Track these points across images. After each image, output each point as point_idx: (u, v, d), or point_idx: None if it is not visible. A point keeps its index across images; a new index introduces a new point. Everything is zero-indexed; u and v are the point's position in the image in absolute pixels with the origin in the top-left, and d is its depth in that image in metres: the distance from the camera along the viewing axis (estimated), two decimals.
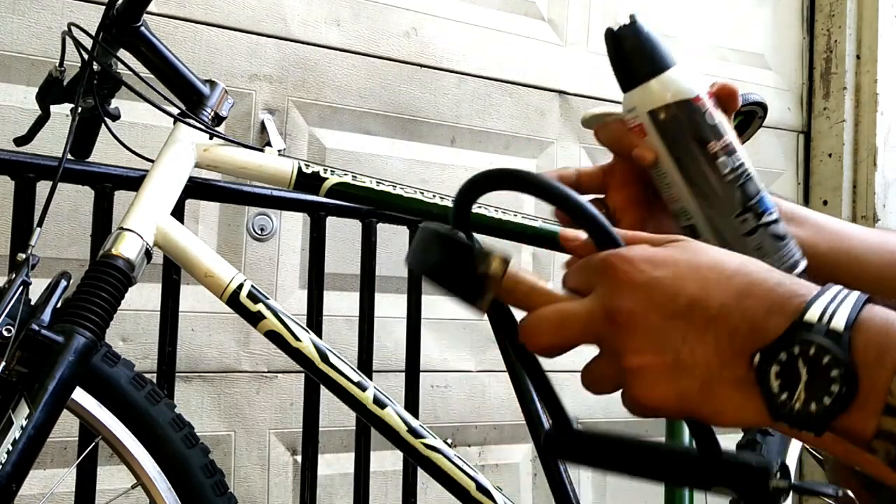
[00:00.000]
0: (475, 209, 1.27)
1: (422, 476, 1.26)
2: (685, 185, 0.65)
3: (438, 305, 1.83)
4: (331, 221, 1.39)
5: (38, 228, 1.01)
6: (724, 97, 0.66)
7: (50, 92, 1.15)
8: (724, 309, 0.47)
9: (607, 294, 0.50)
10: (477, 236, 0.56)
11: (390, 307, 1.71)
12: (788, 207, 0.71)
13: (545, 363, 0.66)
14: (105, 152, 1.23)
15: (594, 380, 0.52)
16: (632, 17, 0.67)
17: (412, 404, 1.45)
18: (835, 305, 0.45)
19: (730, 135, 0.65)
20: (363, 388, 1.09)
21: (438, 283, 0.55)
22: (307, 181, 1.16)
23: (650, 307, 0.48)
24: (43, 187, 1.10)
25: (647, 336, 0.48)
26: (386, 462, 1.71)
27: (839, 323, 0.44)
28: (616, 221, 0.69)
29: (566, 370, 0.72)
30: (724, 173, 0.64)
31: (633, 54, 0.66)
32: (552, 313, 0.52)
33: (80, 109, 1.09)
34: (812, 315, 0.44)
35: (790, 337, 0.44)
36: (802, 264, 0.65)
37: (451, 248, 0.55)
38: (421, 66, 1.87)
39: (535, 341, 0.52)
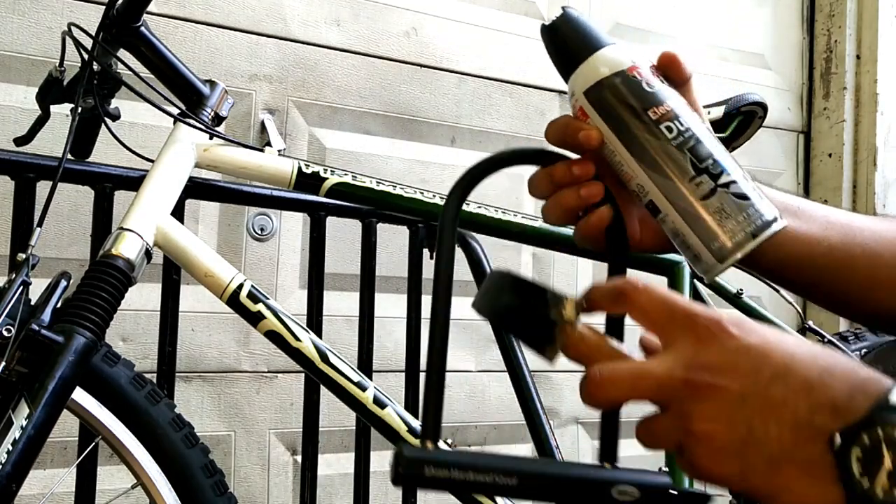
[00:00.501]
0: (475, 209, 1.28)
1: None
2: (632, 157, 0.63)
3: None
4: (331, 221, 1.39)
5: (38, 228, 1.01)
6: (665, 65, 0.65)
7: (50, 92, 1.15)
8: (807, 385, 0.45)
9: (690, 354, 0.48)
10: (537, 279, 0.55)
11: (390, 307, 1.71)
12: (794, 203, 0.69)
13: (540, 363, 0.65)
14: (105, 152, 1.23)
15: (652, 437, 0.51)
16: (563, 8, 0.66)
17: (412, 404, 1.45)
18: None
19: (672, 101, 0.64)
20: (363, 388, 1.09)
21: (508, 327, 0.56)
22: (307, 181, 1.16)
23: (733, 374, 0.47)
24: (43, 187, 1.10)
25: (722, 404, 0.46)
26: (386, 462, 1.71)
27: None
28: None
29: (566, 370, 0.72)
30: (669, 138, 0.63)
31: (566, 43, 0.66)
32: (628, 369, 0.50)
33: (80, 109, 1.09)
34: None
35: (873, 419, 0.43)
36: (777, 225, 0.62)
37: (523, 292, 0.55)
38: (421, 66, 1.87)
39: (604, 394, 0.51)
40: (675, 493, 0.58)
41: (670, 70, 0.65)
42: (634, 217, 0.68)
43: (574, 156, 0.65)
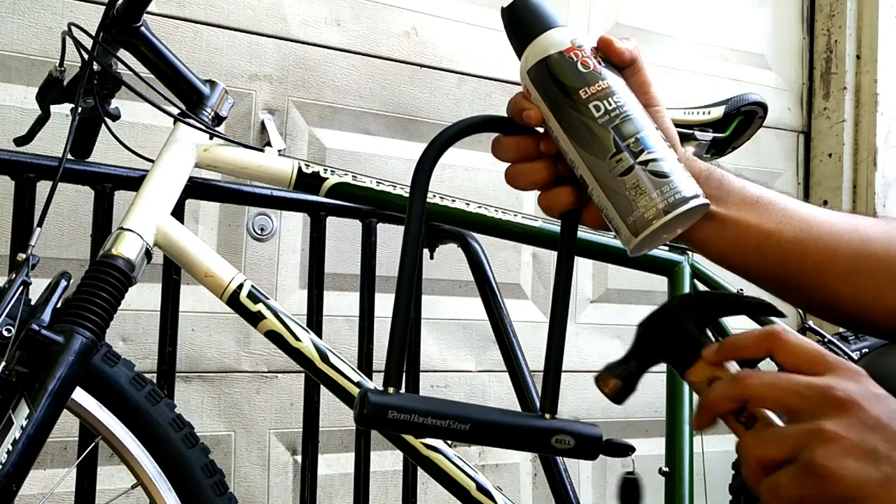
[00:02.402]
0: (475, 209, 1.28)
1: (422, 476, 1.26)
2: (564, 133, 0.67)
3: (438, 305, 1.83)
4: (331, 221, 1.39)
5: (38, 228, 1.01)
6: (602, 48, 0.69)
7: (50, 92, 1.15)
8: None
9: (830, 425, 0.53)
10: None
11: (390, 307, 1.70)
12: (754, 191, 0.72)
13: (540, 363, 0.68)
14: (105, 152, 1.23)
15: (778, 492, 0.55)
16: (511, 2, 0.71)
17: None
18: None
19: (607, 81, 0.67)
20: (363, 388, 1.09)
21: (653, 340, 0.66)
22: (307, 181, 1.16)
23: (871, 402, 0.53)
24: (43, 187, 1.10)
25: (857, 419, 0.52)
26: (386, 462, 1.71)
27: None
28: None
29: (565, 370, 0.73)
30: (596, 116, 0.66)
31: (519, 24, 0.71)
32: (773, 433, 0.57)
33: (80, 109, 1.09)
34: None
35: None
36: (694, 201, 0.65)
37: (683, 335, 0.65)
38: (421, 66, 1.87)
39: (755, 453, 0.57)
40: (604, 442, 0.67)
41: (608, 53, 0.69)
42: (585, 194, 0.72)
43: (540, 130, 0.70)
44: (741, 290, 1.53)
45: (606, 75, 0.68)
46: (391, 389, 0.66)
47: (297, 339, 1.08)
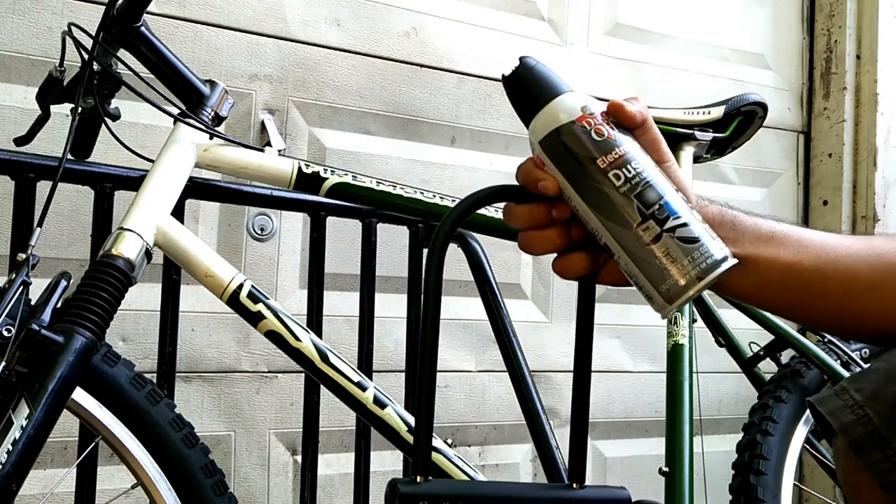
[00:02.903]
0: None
1: None
2: (585, 203, 0.66)
3: None
4: (331, 221, 1.39)
5: (38, 228, 1.01)
6: (613, 113, 0.68)
7: (50, 92, 1.15)
8: None
9: None
10: None
11: (390, 307, 1.71)
12: (767, 227, 0.72)
13: (540, 363, 0.68)
14: (105, 152, 1.23)
15: None
16: (520, 59, 0.70)
17: (412, 404, 1.45)
18: None
19: (623, 147, 0.66)
20: (363, 388, 1.09)
21: None
22: (307, 181, 1.16)
23: None
24: (43, 187, 1.10)
25: None
26: (386, 462, 1.71)
27: None
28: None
29: (565, 370, 0.73)
30: (617, 186, 0.65)
31: (525, 93, 0.70)
32: None
33: (80, 109, 1.09)
34: None
35: None
36: (726, 264, 0.65)
37: None
38: (421, 66, 1.87)
39: None
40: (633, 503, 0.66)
41: (619, 118, 0.68)
42: (601, 254, 0.71)
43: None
44: None
45: (621, 141, 0.66)
46: (419, 478, 0.64)
47: (297, 339, 1.08)
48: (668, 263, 0.64)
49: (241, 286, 1.06)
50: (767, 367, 1.61)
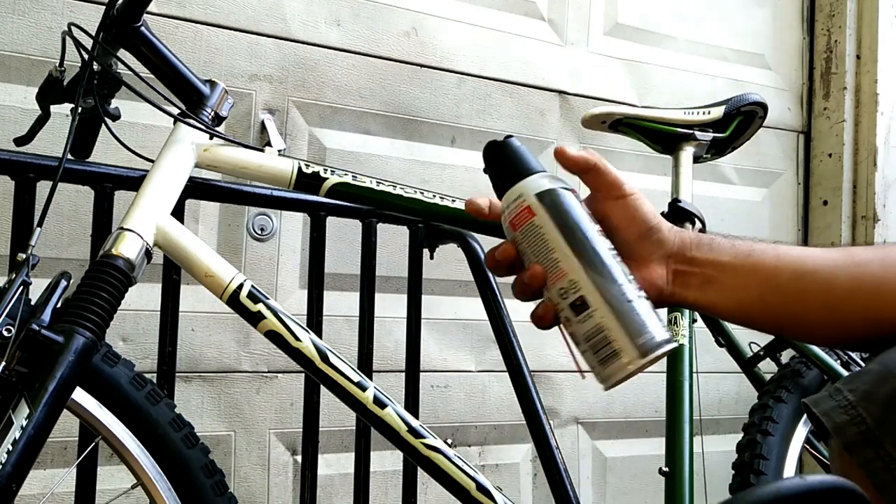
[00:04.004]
0: None
1: (422, 476, 1.26)
2: (574, 257, 0.71)
3: (438, 305, 1.83)
4: (331, 221, 1.39)
5: (38, 228, 1.01)
6: (557, 157, 0.76)
7: (50, 92, 1.15)
8: None
9: None
10: None
11: (390, 307, 1.71)
12: (744, 245, 0.74)
13: (540, 363, 0.68)
14: (105, 152, 1.23)
15: None
16: (507, 137, 0.78)
17: (412, 404, 1.45)
18: None
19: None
20: (363, 388, 1.09)
21: None
22: (307, 181, 1.16)
23: None
24: (43, 187, 1.10)
25: None
26: (386, 462, 1.71)
27: None
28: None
29: (565, 370, 0.73)
30: (609, 247, 0.71)
31: (514, 158, 0.76)
32: None
33: (80, 109, 1.09)
34: None
35: None
36: (671, 345, 0.69)
37: None
38: (421, 66, 1.87)
39: None
40: None
41: (563, 163, 0.76)
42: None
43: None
44: None
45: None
46: None
47: (297, 339, 1.08)
48: (640, 324, 0.69)
49: (241, 286, 1.06)
50: (767, 367, 1.61)
